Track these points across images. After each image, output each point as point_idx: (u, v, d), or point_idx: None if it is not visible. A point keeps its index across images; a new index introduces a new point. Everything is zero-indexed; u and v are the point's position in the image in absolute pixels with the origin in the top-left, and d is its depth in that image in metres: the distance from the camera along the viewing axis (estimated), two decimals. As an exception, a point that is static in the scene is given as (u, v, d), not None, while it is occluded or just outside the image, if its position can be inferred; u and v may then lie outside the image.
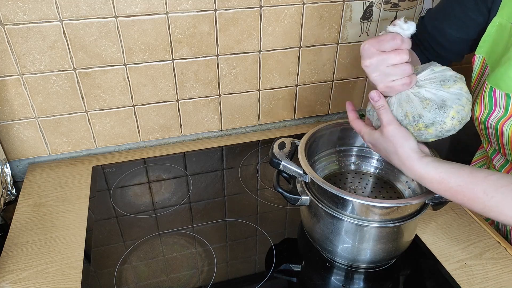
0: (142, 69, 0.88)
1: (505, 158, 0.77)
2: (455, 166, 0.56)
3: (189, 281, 0.67)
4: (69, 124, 0.90)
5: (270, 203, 0.83)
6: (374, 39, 0.58)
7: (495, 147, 0.77)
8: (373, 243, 0.64)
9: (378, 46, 0.57)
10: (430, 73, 0.58)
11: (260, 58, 0.96)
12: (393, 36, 0.56)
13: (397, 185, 0.74)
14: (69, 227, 0.76)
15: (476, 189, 0.54)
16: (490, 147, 0.80)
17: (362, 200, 0.59)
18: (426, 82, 0.58)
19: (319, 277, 0.69)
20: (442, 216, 0.80)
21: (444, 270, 0.69)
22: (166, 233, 0.76)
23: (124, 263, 0.70)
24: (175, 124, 0.99)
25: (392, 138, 0.59)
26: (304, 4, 0.91)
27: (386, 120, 0.59)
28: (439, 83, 0.57)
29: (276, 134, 1.05)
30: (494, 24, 0.68)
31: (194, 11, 0.85)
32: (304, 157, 0.66)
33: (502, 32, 0.67)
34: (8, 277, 0.67)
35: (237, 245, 0.74)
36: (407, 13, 1.01)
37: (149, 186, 0.88)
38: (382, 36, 0.57)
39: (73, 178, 0.89)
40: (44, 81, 0.83)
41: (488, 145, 0.79)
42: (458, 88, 0.57)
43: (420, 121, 0.57)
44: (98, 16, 0.80)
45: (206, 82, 0.95)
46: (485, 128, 0.72)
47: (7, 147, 0.89)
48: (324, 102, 1.09)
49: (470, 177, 0.55)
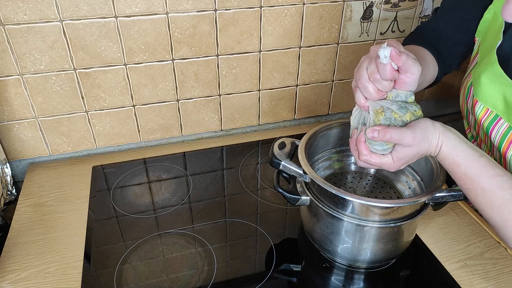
0: (142, 69, 0.88)
1: (480, 148, 0.78)
2: (474, 154, 0.56)
3: (189, 281, 0.67)
4: (69, 124, 0.90)
5: (270, 203, 0.83)
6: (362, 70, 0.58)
7: (473, 134, 0.78)
8: (373, 243, 0.64)
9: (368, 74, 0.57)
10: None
11: (260, 58, 0.96)
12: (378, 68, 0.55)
13: (397, 185, 0.74)
14: (69, 227, 0.76)
15: (477, 184, 0.55)
16: (469, 131, 0.81)
17: (362, 200, 0.59)
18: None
19: (319, 277, 0.69)
20: (442, 216, 0.80)
21: (444, 270, 0.69)
22: (166, 233, 0.76)
23: (124, 263, 0.70)
24: (175, 124, 0.99)
25: (418, 145, 0.56)
26: (304, 4, 0.91)
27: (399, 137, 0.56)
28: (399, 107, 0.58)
29: (276, 134, 1.05)
30: (489, 12, 0.69)
31: (194, 11, 0.85)
32: (304, 157, 0.66)
33: (495, 21, 0.68)
34: (8, 277, 0.67)
35: (237, 245, 0.74)
36: (407, 13, 1.02)
37: (149, 186, 0.88)
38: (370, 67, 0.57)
39: (73, 178, 0.89)
40: (44, 81, 0.83)
41: (468, 129, 0.81)
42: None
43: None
44: (98, 16, 0.80)
45: (206, 82, 0.95)
46: (466, 108, 0.74)
47: (7, 147, 0.89)
48: (324, 102, 1.09)
49: (480, 170, 0.55)
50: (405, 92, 0.58)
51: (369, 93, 0.57)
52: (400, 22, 1.02)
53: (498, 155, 0.69)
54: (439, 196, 0.61)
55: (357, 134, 0.61)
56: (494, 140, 0.67)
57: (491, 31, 0.69)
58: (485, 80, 0.67)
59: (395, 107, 0.57)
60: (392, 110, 0.57)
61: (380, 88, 0.56)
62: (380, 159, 0.58)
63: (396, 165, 0.58)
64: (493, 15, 0.69)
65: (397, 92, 0.58)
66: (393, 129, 0.55)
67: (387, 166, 0.58)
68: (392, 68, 0.53)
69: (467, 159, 0.56)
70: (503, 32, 0.66)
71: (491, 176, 0.54)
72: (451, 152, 0.56)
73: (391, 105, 0.57)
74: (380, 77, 0.55)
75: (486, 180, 0.54)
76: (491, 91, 0.66)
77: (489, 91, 0.66)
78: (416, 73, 0.55)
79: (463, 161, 0.56)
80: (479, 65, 0.70)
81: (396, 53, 0.52)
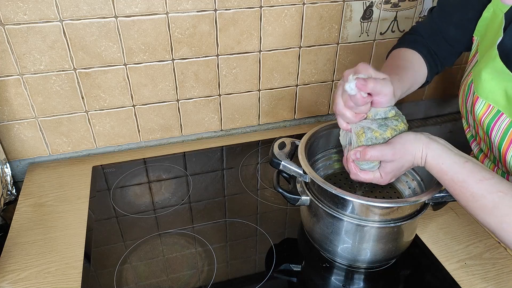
0: (142, 69, 0.88)
1: (479, 147, 0.78)
2: (459, 160, 0.56)
3: (189, 281, 0.67)
4: (69, 124, 0.90)
5: (270, 203, 0.83)
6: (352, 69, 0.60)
7: (472, 133, 0.79)
8: (373, 243, 0.64)
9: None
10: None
11: (260, 58, 0.96)
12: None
13: (397, 185, 0.74)
14: (69, 227, 0.76)
15: (466, 190, 0.55)
16: (468, 131, 0.81)
17: (362, 200, 0.59)
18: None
19: (319, 277, 0.69)
20: (442, 216, 0.80)
21: (444, 270, 0.69)
22: (166, 233, 0.76)
23: (124, 263, 0.70)
24: (175, 124, 0.99)
25: (400, 159, 0.59)
26: (304, 4, 0.91)
27: (382, 152, 0.59)
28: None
29: (276, 134, 1.05)
30: (488, 10, 0.69)
31: (194, 11, 0.85)
32: (304, 157, 0.66)
33: (494, 19, 0.68)
34: (8, 277, 0.67)
35: (237, 245, 0.74)
36: (407, 13, 1.02)
37: (149, 186, 0.88)
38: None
39: (73, 178, 0.89)
40: (44, 81, 0.83)
41: (467, 128, 0.81)
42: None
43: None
44: (98, 16, 0.80)
45: (206, 82, 0.95)
46: (465, 109, 0.74)
47: (7, 147, 0.89)
48: (324, 102, 1.09)
49: (466, 176, 0.55)
50: (383, 109, 0.61)
51: (348, 118, 0.61)
52: (400, 22, 1.02)
53: (498, 154, 0.69)
54: (439, 196, 0.61)
55: (346, 154, 0.65)
56: (495, 139, 0.67)
57: (490, 29, 0.69)
58: (486, 75, 0.67)
59: (375, 126, 0.60)
60: (372, 129, 0.60)
61: (358, 111, 0.60)
62: (369, 176, 0.63)
63: (385, 179, 0.62)
64: (492, 13, 0.69)
65: (376, 111, 0.61)
66: (372, 149, 0.59)
67: (377, 181, 0.63)
68: (362, 97, 0.57)
69: (452, 166, 0.56)
70: (503, 29, 0.66)
71: (478, 180, 0.54)
72: (436, 161, 0.58)
73: (371, 125, 0.60)
74: (353, 105, 0.59)
75: (474, 185, 0.55)
76: (492, 86, 0.66)
77: (490, 86, 0.67)
78: (388, 93, 0.59)
79: (449, 168, 0.57)
80: (479, 63, 0.70)
81: (362, 84, 0.56)
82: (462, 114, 0.78)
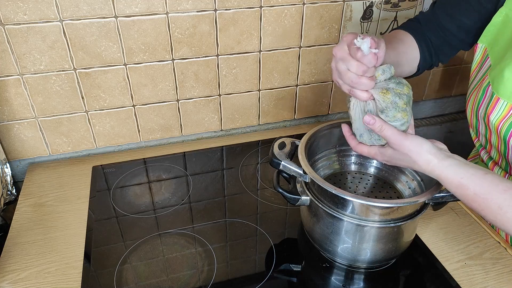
0: (142, 69, 0.88)
1: (489, 154, 0.77)
2: (478, 172, 0.55)
3: (189, 281, 0.67)
4: (69, 124, 0.90)
5: (270, 203, 0.83)
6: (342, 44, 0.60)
7: (482, 143, 0.77)
8: (373, 243, 0.64)
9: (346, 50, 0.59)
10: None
11: (260, 58, 0.96)
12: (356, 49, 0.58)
13: (397, 185, 0.74)
14: (69, 227, 0.76)
15: (491, 202, 0.53)
16: (477, 140, 0.80)
17: (362, 200, 0.59)
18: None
19: (319, 277, 0.69)
20: (442, 216, 0.80)
21: (444, 270, 0.69)
22: (166, 233, 0.76)
23: (124, 263, 0.70)
24: (175, 124, 0.99)
25: (407, 151, 0.58)
26: (304, 4, 0.91)
27: (392, 135, 0.58)
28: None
29: (276, 134, 1.05)
30: (500, 14, 0.67)
31: (194, 11, 0.85)
32: (304, 157, 0.66)
33: (507, 23, 0.66)
34: (8, 277, 0.67)
35: (237, 245, 0.74)
36: (407, 13, 1.02)
37: (149, 186, 0.88)
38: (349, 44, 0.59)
39: (73, 178, 0.89)
40: (44, 81, 0.83)
41: (476, 138, 0.80)
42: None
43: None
44: (98, 16, 0.80)
45: (206, 82, 0.95)
46: (476, 119, 0.73)
47: (7, 147, 0.89)
48: (324, 102, 1.09)
49: (489, 187, 0.53)
50: (384, 66, 0.61)
51: (366, 84, 0.59)
52: (400, 22, 1.02)
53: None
54: (439, 196, 0.61)
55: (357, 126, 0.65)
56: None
57: (504, 31, 0.67)
58: (509, 74, 0.64)
59: (392, 85, 0.60)
60: (392, 88, 0.59)
61: (369, 75, 0.59)
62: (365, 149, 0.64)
63: (379, 159, 0.64)
64: (504, 16, 0.66)
65: (381, 69, 0.61)
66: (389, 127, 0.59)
67: (372, 156, 0.64)
68: (374, 54, 0.57)
69: (472, 179, 0.54)
70: None
71: (502, 191, 0.53)
72: (454, 176, 0.56)
73: (387, 85, 0.60)
74: (367, 68, 0.58)
75: (498, 195, 0.53)
76: None
77: None
78: (383, 46, 0.59)
79: (469, 182, 0.54)
80: (498, 64, 0.67)
81: (374, 41, 0.57)
82: (470, 124, 0.76)
